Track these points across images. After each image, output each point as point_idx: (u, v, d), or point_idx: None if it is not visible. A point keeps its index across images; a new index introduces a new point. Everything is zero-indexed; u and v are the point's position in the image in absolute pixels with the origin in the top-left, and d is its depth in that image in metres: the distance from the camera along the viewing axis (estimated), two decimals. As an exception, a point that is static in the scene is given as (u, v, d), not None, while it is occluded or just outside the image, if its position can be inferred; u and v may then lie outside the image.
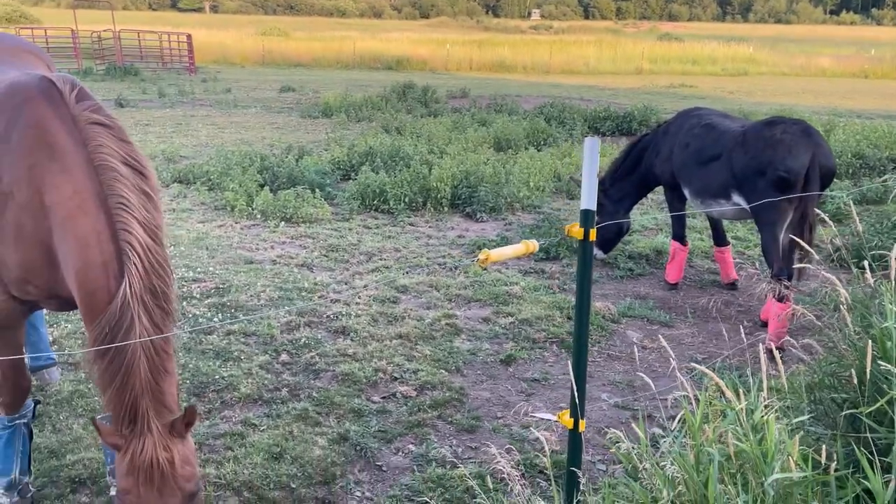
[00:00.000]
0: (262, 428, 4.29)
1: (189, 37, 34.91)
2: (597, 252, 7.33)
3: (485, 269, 7.04)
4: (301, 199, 8.94)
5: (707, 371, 2.40)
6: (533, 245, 2.46)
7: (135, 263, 2.66)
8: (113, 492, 3.37)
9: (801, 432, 2.87)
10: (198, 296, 6.23)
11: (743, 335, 3.45)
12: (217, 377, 4.84)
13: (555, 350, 5.53)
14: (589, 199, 2.34)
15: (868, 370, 2.42)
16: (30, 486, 3.57)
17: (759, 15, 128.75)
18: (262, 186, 9.40)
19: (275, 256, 7.40)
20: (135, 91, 23.21)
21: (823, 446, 2.34)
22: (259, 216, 8.73)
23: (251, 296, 6.28)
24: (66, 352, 5.06)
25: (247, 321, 5.71)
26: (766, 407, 2.62)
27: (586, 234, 2.43)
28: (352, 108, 18.39)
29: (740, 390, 2.49)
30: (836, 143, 11.86)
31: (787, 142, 5.54)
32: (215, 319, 5.72)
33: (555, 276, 7.07)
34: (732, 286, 6.80)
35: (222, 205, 9.15)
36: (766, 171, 5.57)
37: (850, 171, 11.07)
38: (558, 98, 20.98)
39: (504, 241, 8.06)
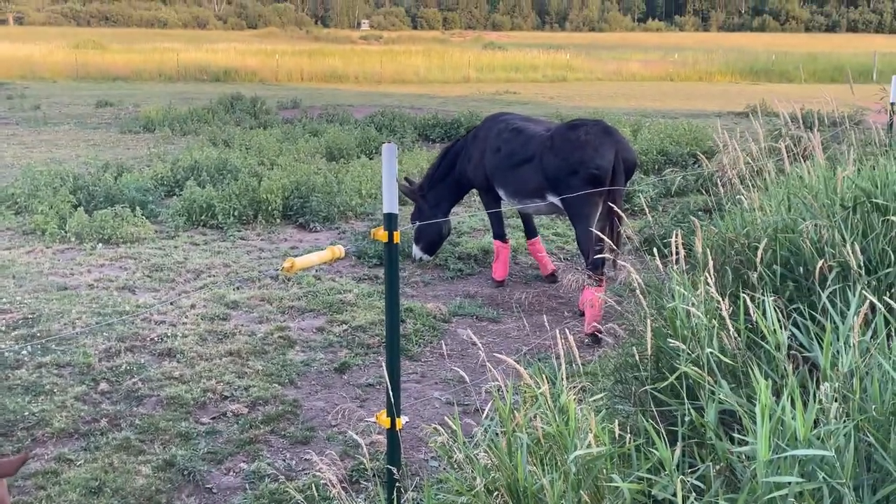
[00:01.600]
0: (78, 463, 4.04)
1: (-11, 50, 32.15)
2: (423, 255, 7.49)
3: (289, 277, 6.99)
4: (120, 218, 8.47)
5: (511, 361, 2.53)
6: (339, 250, 2.49)
7: None
8: None
9: (604, 411, 3.08)
10: (3, 328, 5.75)
11: (551, 325, 3.66)
12: (27, 413, 4.50)
13: (388, 354, 5.59)
14: (390, 203, 2.41)
15: (649, 347, 2.62)
16: None
17: (575, 24, 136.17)
18: (75, 207, 8.82)
19: (92, 280, 6.98)
20: (-74, 110, 21.09)
21: (616, 421, 2.52)
22: (73, 239, 8.19)
23: (65, 324, 5.89)
24: None
25: (60, 351, 5.35)
26: (570, 390, 2.79)
27: (390, 237, 2.50)
28: (176, 122, 17.68)
29: (544, 376, 2.64)
30: (643, 141, 12.78)
31: (592, 142, 5.97)
32: (23, 352, 5.31)
33: (388, 282, 7.14)
34: (553, 278, 7.15)
35: (31, 229, 8.50)
36: (578, 170, 5.95)
37: (656, 166, 11.97)
38: (389, 107, 21.19)
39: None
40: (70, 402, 4.66)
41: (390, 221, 2.50)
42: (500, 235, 7.09)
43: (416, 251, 7.50)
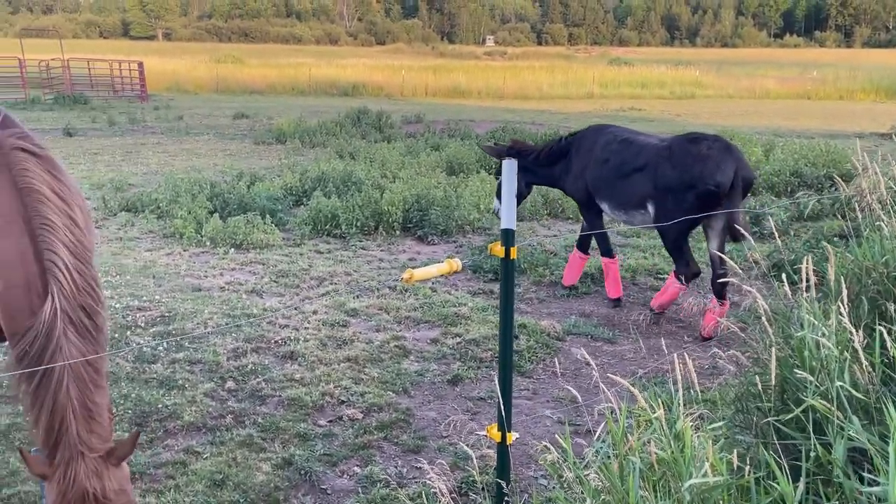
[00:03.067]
0: (204, 456, 4.27)
1: (141, 64, 34.60)
2: (497, 206, 7.68)
3: (407, 288, 7.23)
4: (251, 225, 8.92)
5: (625, 383, 2.49)
6: (456, 264, 2.53)
7: (60, 281, 2.62)
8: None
9: (723, 440, 2.97)
10: (142, 324, 6.17)
11: (671, 349, 3.56)
12: (160, 406, 4.80)
13: (501, 369, 5.60)
14: (508, 219, 2.43)
15: (773, 377, 2.52)
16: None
17: (706, 39, 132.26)
18: (211, 213, 9.37)
19: (223, 283, 7.37)
20: (84, 120, 22.92)
21: (735, 451, 2.43)
22: (208, 243, 8.69)
23: (198, 323, 6.24)
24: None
25: (192, 349, 5.67)
26: (687, 416, 2.72)
27: (507, 252, 2.51)
28: (306, 134, 18.40)
29: (660, 400, 2.58)
30: (775, 161, 12.24)
31: (714, 158, 5.87)
32: (160, 348, 5.67)
33: (503, 297, 7.16)
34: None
35: (171, 232, 9.08)
36: (696, 184, 5.89)
37: (789, 188, 11.42)
38: (511, 122, 21.27)
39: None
40: (199, 398, 4.94)
41: (507, 237, 2.52)
42: (606, 252, 7.02)
43: (496, 204, 7.73)
